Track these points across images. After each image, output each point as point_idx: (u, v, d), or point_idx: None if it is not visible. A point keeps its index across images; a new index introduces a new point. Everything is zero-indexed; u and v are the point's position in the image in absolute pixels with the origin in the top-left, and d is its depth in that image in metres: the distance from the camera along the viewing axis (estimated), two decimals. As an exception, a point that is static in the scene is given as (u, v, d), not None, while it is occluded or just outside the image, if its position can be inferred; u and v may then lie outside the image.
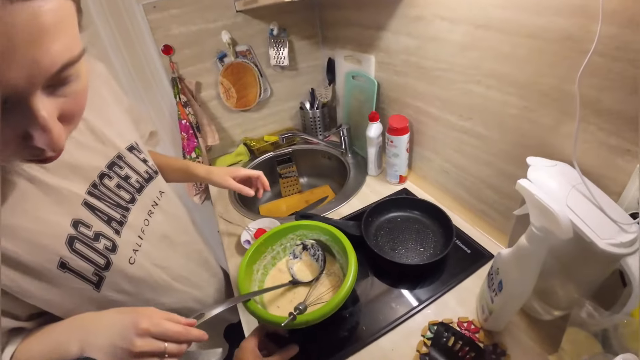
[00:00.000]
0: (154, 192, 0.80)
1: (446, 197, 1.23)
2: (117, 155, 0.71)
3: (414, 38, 1.09)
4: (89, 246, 0.61)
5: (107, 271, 0.64)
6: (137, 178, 0.75)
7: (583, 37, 0.65)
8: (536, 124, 0.81)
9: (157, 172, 0.83)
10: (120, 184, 0.71)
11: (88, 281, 0.62)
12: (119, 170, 0.71)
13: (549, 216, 0.56)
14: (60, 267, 0.57)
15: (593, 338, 0.60)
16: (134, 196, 0.73)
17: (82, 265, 0.60)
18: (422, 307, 0.88)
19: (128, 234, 0.70)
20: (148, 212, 0.77)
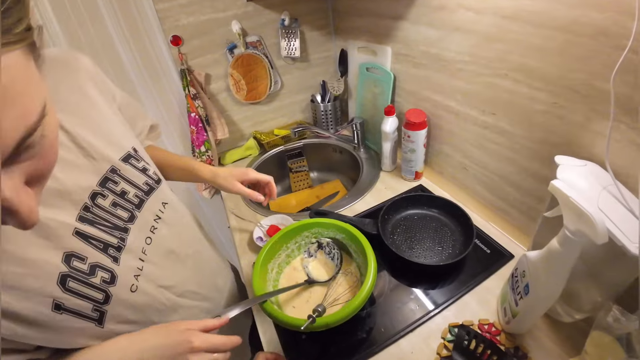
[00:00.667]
0: (156, 205, 0.73)
1: (463, 194, 1.21)
2: (111, 169, 0.64)
3: (435, 28, 1.06)
4: (84, 282, 0.56)
5: (107, 305, 0.59)
6: (136, 192, 0.68)
7: (618, 33, 0.62)
8: (565, 121, 0.78)
9: (160, 180, 0.75)
10: (117, 201, 0.64)
11: (88, 319, 0.57)
12: (113, 187, 0.64)
13: (585, 220, 0.54)
14: (55, 309, 0.52)
15: (617, 342, 0.59)
16: (133, 213, 0.66)
17: (79, 304, 0.55)
18: (442, 308, 0.87)
19: (127, 259, 0.64)
20: (150, 229, 0.70)
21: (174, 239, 0.76)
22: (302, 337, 0.84)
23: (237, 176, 0.99)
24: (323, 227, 0.98)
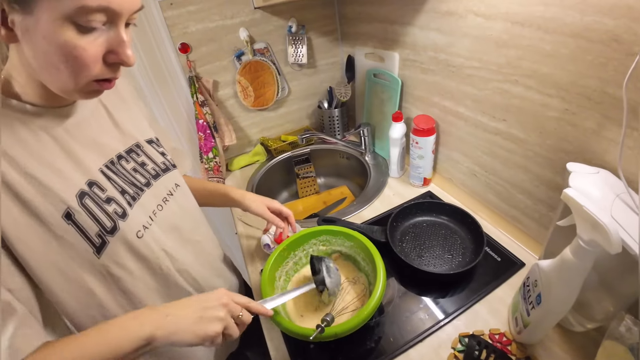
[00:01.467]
0: (170, 182, 0.80)
1: (473, 201, 1.20)
2: (136, 144, 0.75)
3: (444, 34, 1.05)
4: (98, 205, 0.61)
5: (111, 236, 0.62)
6: (154, 166, 0.77)
7: (630, 39, 0.62)
8: (577, 128, 0.77)
9: (175, 166, 0.84)
10: (137, 168, 0.73)
11: (90, 242, 0.60)
12: (135, 157, 0.74)
13: (599, 230, 0.53)
14: (65, 217, 0.57)
15: (629, 352, 0.57)
16: (149, 181, 0.74)
17: (87, 222, 0.59)
18: (452, 317, 0.85)
19: (139, 211, 0.69)
20: (162, 199, 0.76)
21: (181, 218, 0.81)
22: (310, 346, 0.84)
23: (264, 201, 1.05)
24: (331, 235, 0.97)
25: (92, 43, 0.49)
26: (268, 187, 1.59)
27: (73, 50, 0.48)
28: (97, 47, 0.50)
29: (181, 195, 0.83)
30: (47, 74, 0.52)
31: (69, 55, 0.48)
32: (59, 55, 0.48)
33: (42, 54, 0.49)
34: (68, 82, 0.52)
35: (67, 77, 0.51)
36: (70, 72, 0.51)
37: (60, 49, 0.48)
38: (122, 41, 0.52)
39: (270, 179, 1.65)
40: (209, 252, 0.93)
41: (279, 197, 1.74)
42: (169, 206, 0.77)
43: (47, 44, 0.47)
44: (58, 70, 0.50)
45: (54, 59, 0.49)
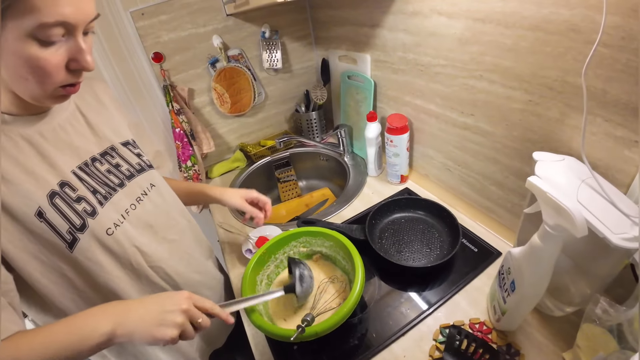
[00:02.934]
0: (145, 182, 0.84)
1: (449, 195, 1.22)
2: (110, 147, 0.80)
3: (411, 34, 1.07)
4: (68, 205, 0.66)
5: (81, 233, 0.67)
6: (128, 167, 0.81)
7: (587, 28, 0.64)
8: (541, 118, 0.80)
9: (152, 167, 0.88)
10: (111, 170, 0.77)
11: (61, 238, 0.64)
12: (110, 159, 0.78)
13: (563, 214, 0.54)
14: (37, 216, 0.62)
15: (608, 333, 0.59)
16: (123, 182, 0.78)
17: (58, 220, 0.64)
18: (433, 309, 0.87)
19: (110, 209, 0.73)
20: (136, 199, 0.80)
21: (155, 217, 0.84)
22: (293, 348, 0.84)
23: (242, 194, 1.09)
24: (311, 236, 0.98)
25: (53, 54, 0.55)
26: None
27: (37, 62, 0.54)
28: (59, 57, 0.56)
29: (156, 195, 0.86)
30: (17, 84, 0.58)
31: (35, 66, 0.54)
32: (26, 68, 0.54)
33: (12, 67, 0.55)
34: (36, 90, 0.58)
35: (34, 85, 0.57)
36: (37, 81, 0.57)
37: (27, 62, 0.54)
38: (80, 49, 0.57)
39: (251, 184, 1.65)
40: (187, 249, 0.94)
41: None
42: (143, 205, 0.81)
43: (16, 59, 0.53)
44: (27, 81, 0.56)
45: (22, 71, 0.55)
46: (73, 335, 0.60)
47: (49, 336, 0.59)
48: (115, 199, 0.75)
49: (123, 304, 0.66)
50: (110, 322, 0.61)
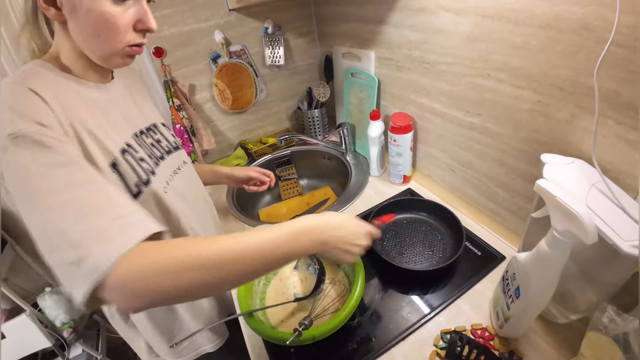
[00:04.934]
0: (179, 159, 0.91)
1: (453, 196, 1.20)
2: (153, 124, 0.87)
3: (417, 31, 1.05)
4: (136, 161, 0.73)
5: (145, 187, 0.73)
6: (167, 144, 0.88)
7: (600, 26, 0.62)
8: (550, 119, 0.77)
9: (181, 147, 0.96)
10: (154, 143, 0.83)
11: (129, 189, 0.70)
12: (153, 134, 0.85)
13: (573, 220, 0.52)
14: (111, 166, 0.67)
15: (614, 343, 0.57)
16: (163, 155, 0.84)
17: (128, 172, 0.70)
18: (434, 314, 0.85)
19: (160, 174, 0.80)
20: (173, 171, 0.87)
21: (186, 190, 0.90)
22: (290, 351, 0.82)
23: (248, 167, 1.26)
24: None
25: (124, 13, 0.62)
26: (249, 190, 1.58)
27: (110, 18, 0.61)
28: (128, 16, 0.63)
29: (187, 170, 0.94)
30: (90, 43, 0.64)
31: (108, 22, 0.61)
32: (99, 24, 0.61)
33: (86, 25, 0.61)
34: (107, 48, 0.65)
35: (105, 43, 0.64)
36: (108, 38, 0.63)
37: (100, 17, 0.60)
38: (146, 12, 0.65)
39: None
40: (208, 224, 1.02)
41: (261, 200, 1.72)
42: (177, 178, 0.87)
43: (90, 16, 0.60)
44: (99, 38, 0.63)
45: (95, 27, 0.61)
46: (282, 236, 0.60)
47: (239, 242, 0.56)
48: (159, 170, 0.80)
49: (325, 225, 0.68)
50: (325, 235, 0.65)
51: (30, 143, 0.53)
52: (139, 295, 0.51)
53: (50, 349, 1.71)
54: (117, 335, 1.01)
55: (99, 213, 0.52)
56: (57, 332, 1.72)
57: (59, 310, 1.70)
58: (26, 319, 1.56)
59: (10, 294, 1.53)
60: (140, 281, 0.50)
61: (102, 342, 1.92)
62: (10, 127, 0.53)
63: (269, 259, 0.58)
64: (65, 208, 0.51)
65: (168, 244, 0.54)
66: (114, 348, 2.04)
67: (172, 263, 0.51)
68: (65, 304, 1.71)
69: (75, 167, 0.56)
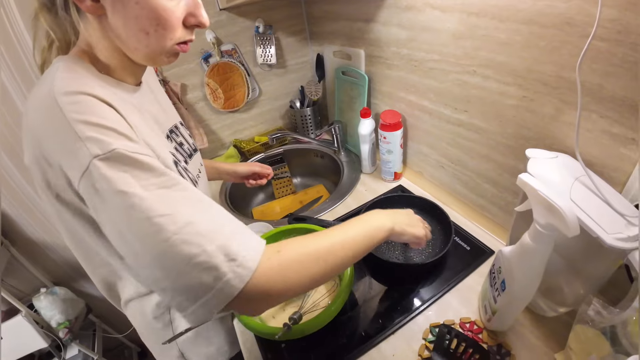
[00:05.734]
0: (198, 162, 0.88)
1: (443, 192, 1.21)
2: (175, 126, 0.82)
3: (404, 29, 1.06)
4: (184, 170, 0.70)
5: None
6: (188, 147, 0.84)
7: (583, 21, 0.63)
8: (535, 114, 0.78)
9: (198, 149, 0.92)
10: (177, 148, 0.77)
11: None
12: (175, 137, 0.80)
13: (555, 213, 0.53)
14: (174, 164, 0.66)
15: (601, 336, 0.58)
16: (187, 160, 0.80)
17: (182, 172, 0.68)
18: (423, 308, 0.85)
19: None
20: (197, 176, 0.83)
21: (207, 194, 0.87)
22: (281, 346, 0.82)
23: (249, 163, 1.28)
24: (301, 233, 0.96)
25: (177, 6, 0.56)
26: (243, 189, 1.57)
27: (162, 12, 0.54)
28: (181, 9, 0.57)
29: (204, 173, 0.92)
30: (136, 40, 0.56)
31: (160, 17, 0.54)
32: (149, 19, 0.54)
33: (134, 19, 0.54)
34: (155, 46, 0.58)
35: (155, 40, 0.57)
36: (159, 35, 0.56)
37: (152, 11, 0.53)
38: (198, 5, 0.59)
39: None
40: None
41: (254, 199, 1.73)
42: (200, 183, 0.84)
43: (140, 8, 0.52)
44: (147, 35, 0.56)
45: (145, 22, 0.54)
46: (364, 231, 0.67)
47: (349, 231, 0.66)
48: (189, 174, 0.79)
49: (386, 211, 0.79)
50: (390, 220, 0.73)
51: (127, 164, 0.48)
52: (275, 298, 0.56)
53: (47, 349, 1.70)
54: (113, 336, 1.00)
55: (218, 230, 0.51)
56: (53, 333, 1.71)
57: (54, 310, 1.69)
58: (22, 320, 1.55)
59: (6, 295, 1.52)
60: (279, 284, 0.53)
61: (98, 342, 1.91)
62: (97, 147, 0.47)
63: (361, 248, 0.66)
64: (195, 228, 0.49)
65: (288, 245, 0.58)
66: (110, 348, 2.03)
67: (301, 259, 0.57)
68: (61, 304, 1.71)
69: (181, 186, 0.53)
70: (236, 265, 0.49)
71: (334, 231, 0.64)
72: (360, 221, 0.70)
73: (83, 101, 0.49)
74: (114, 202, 0.47)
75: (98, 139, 0.47)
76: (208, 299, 0.48)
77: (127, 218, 0.47)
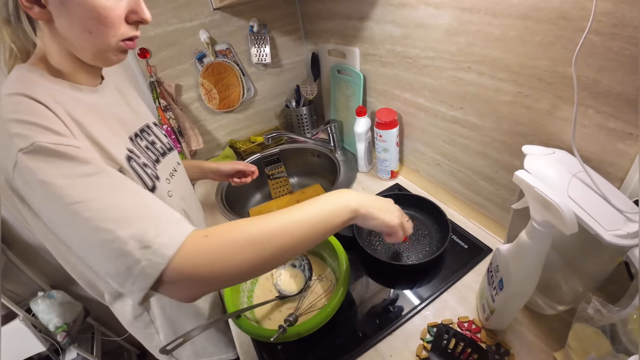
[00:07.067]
0: (173, 161, 0.91)
1: (439, 190, 1.20)
2: (146, 125, 0.85)
3: (398, 26, 1.05)
4: (141, 167, 0.71)
5: (153, 193, 0.73)
6: (161, 145, 0.87)
7: (577, 15, 0.62)
8: (531, 110, 0.77)
9: (174, 148, 0.94)
10: (148, 146, 0.82)
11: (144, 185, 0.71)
12: (147, 136, 0.83)
13: (552, 210, 0.52)
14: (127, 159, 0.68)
15: (600, 334, 0.57)
16: (158, 158, 0.83)
17: (136, 180, 0.69)
18: (421, 308, 0.85)
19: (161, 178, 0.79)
20: (169, 174, 0.86)
21: (183, 191, 0.91)
22: (277, 347, 0.82)
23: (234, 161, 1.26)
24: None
25: (116, 4, 0.59)
26: (239, 189, 1.56)
27: (102, 11, 0.57)
28: (121, 8, 0.60)
29: (181, 174, 0.94)
30: (81, 40, 0.61)
31: (100, 15, 0.57)
32: (91, 18, 0.57)
33: (77, 20, 0.58)
34: (100, 44, 0.61)
35: (98, 39, 0.60)
36: (101, 33, 0.60)
37: (91, 10, 0.56)
38: (139, 1, 0.62)
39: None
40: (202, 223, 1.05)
41: (251, 200, 1.72)
42: (175, 180, 0.87)
43: (81, 9, 0.56)
44: (91, 34, 0.59)
45: (87, 22, 0.58)
46: (321, 213, 0.62)
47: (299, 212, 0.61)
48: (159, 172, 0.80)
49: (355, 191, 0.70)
50: (355, 201, 0.66)
51: (49, 155, 0.51)
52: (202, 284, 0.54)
53: (45, 353, 1.69)
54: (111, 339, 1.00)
55: (136, 217, 0.52)
56: (51, 337, 1.71)
57: (52, 314, 1.69)
58: (20, 324, 1.55)
59: (3, 299, 1.52)
60: (204, 270, 0.52)
61: (97, 345, 1.90)
62: (22, 141, 0.50)
63: (315, 232, 0.61)
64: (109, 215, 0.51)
65: (217, 230, 0.56)
66: (109, 351, 2.03)
67: (230, 244, 0.55)
68: (58, 307, 1.70)
69: (104, 174, 0.55)
70: (151, 252, 0.49)
71: (284, 213, 0.61)
72: (319, 201, 0.65)
73: (19, 102, 0.54)
74: (39, 191, 0.50)
75: (22, 134, 0.50)
76: (131, 284, 0.50)
77: (51, 206, 0.51)
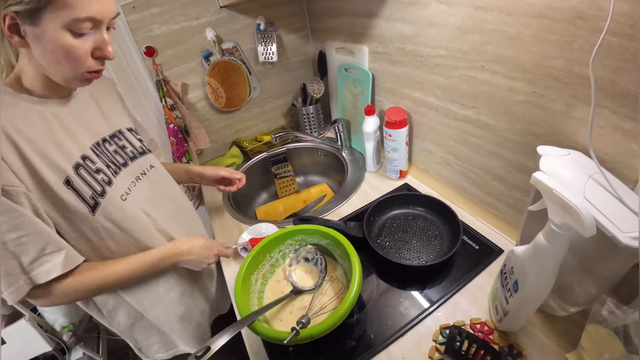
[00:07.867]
0: (145, 164, 0.96)
1: (449, 190, 1.19)
2: (118, 131, 0.93)
3: (409, 24, 1.04)
4: (90, 174, 0.79)
5: (102, 198, 0.79)
6: (132, 150, 0.94)
7: (595, 15, 0.61)
8: (546, 110, 0.77)
9: (151, 151, 1.02)
10: (117, 150, 0.89)
11: (86, 203, 0.77)
12: (117, 141, 0.91)
13: (571, 212, 0.51)
14: (65, 184, 0.74)
15: (614, 335, 0.56)
16: (126, 162, 0.90)
17: (83, 187, 0.76)
18: (433, 309, 0.84)
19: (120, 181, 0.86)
20: (135, 178, 0.92)
21: (151, 193, 0.95)
22: (289, 349, 0.81)
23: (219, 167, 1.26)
24: (306, 234, 0.95)
25: (83, 44, 0.68)
26: (246, 189, 1.55)
27: (70, 49, 0.66)
28: (87, 46, 0.68)
29: (155, 174, 0.99)
30: (53, 68, 0.70)
31: (68, 53, 0.67)
32: (60, 54, 0.67)
33: (49, 53, 0.67)
34: (68, 73, 0.71)
35: (67, 69, 0.70)
36: (69, 66, 0.69)
37: (62, 48, 0.66)
38: (105, 41, 0.71)
39: (248, 180, 1.60)
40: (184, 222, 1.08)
41: (258, 199, 1.72)
42: (142, 183, 0.93)
43: (53, 46, 0.66)
44: (60, 65, 0.69)
45: (57, 56, 0.67)
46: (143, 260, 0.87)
47: (122, 262, 0.84)
48: (119, 177, 0.86)
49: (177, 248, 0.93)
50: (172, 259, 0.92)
51: None
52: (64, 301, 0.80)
53: (51, 353, 1.70)
54: (117, 338, 1.01)
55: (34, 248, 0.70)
56: (57, 336, 1.71)
57: (57, 314, 1.69)
58: (26, 323, 1.55)
59: (8, 298, 1.52)
60: (70, 296, 0.79)
61: (102, 344, 1.91)
62: None
63: (144, 275, 0.90)
64: None
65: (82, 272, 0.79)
66: (114, 350, 2.03)
67: (90, 286, 0.81)
68: (64, 307, 1.70)
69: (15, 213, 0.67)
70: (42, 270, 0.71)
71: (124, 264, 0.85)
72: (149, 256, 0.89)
73: None
74: None
75: None
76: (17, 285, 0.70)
77: None
